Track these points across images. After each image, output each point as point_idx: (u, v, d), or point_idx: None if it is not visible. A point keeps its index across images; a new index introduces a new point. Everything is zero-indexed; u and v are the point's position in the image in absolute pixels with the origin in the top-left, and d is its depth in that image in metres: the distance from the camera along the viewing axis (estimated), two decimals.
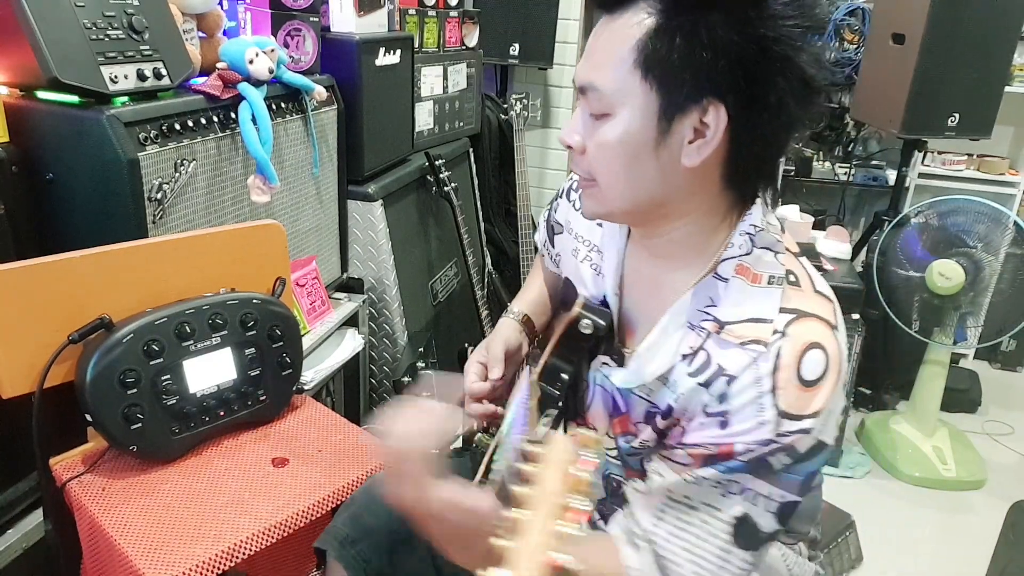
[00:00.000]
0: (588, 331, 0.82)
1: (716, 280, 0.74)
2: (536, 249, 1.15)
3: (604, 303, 0.86)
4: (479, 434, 1.10)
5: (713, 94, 0.67)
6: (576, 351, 0.86)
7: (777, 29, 0.65)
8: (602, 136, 0.72)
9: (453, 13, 2.25)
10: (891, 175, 2.82)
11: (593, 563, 0.74)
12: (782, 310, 0.71)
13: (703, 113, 0.68)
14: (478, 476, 0.95)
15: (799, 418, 0.68)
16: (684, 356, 0.75)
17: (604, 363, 0.86)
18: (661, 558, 0.74)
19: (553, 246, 1.05)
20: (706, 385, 0.72)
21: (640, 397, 0.80)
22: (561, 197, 1.01)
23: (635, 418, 0.82)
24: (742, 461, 0.70)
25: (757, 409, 0.69)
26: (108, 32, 1.09)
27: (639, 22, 0.67)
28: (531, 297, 1.13)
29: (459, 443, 1.55)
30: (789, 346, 0.69)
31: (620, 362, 0.85)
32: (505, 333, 1.05)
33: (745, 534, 0.71)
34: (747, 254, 0.74)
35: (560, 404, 0.84)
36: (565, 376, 0.85)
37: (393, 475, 0.69)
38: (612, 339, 0.85)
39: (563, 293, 0.98)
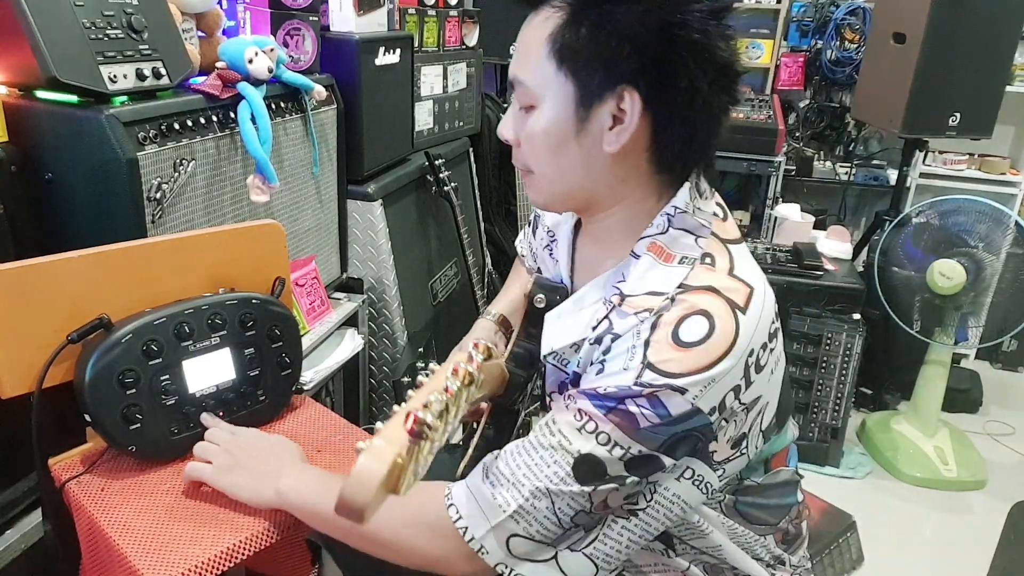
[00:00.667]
0: (541, 305, 0.86)
1: (632, 258, 0.77)
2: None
3: (561, 283, 0.90)
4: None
5: (626, 81, 0.70)
6: (538, 330, 0.88)
7: (682, 14, 0.68)
8: (529, 127, 0.76)
9: (453, 12, 2.25)
10: (892, 175, 2.82)
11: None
12: (680, 284, 0.72)
13: (620, 100, 0.71)
14: (460, 468, 0.95)
15: (666, 375, 0.67)
16: (594, 328, 0.77)
17: None
18: (495, 465, 0.75)
19: (534, 236, 1.09)
20: (598, 343, 0.75)
21: (554, 366, 0.82)
22: None
23: (549, 388, 0.85)
24: (602, 396, 0.69)
25: (628, 357, 0.69)
26: (107, 31, 1.09)
27: (551, 16, 0.72)
28: (509, 298, 1.15)
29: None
30: (674, 309, 0.70)
31: None
32: (478, 335, 1.05)
33: (585, 470, 0.70)
34: (662, 233, 0.76)
35: (528, 385, 0.87)
36: (532, 360, 0.89)
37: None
38: None
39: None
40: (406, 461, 0.56)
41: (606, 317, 0.76)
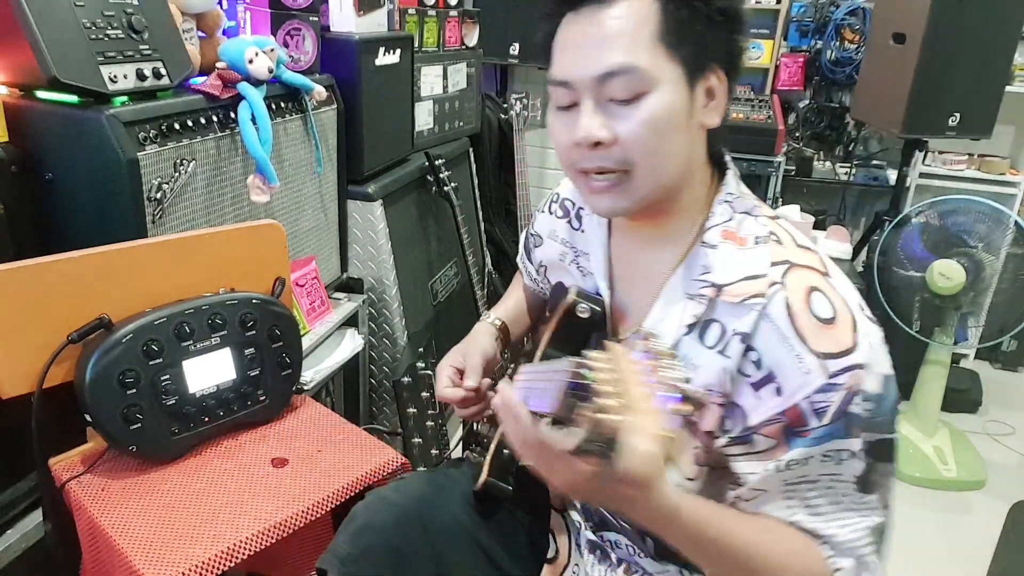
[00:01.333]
0: (586, 315, 0.84)
1: (705, 248, 0.78)
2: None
3: (597, 294, 0.89)
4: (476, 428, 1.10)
5: (714, 60, 0.74)
6: (570, 341, 0.87)
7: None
8: (641, 115, 0.72)
9: (453, 12, 2.25)
10: (892, 175, 2.82)
11: (782, 543, 0.72)
12: (773, 263, 0.74)
13: (708, 78, 0.75)
14: (482, 478, 0.95)
15: (839, 355, 0.69)
16: (690, 326, 0.77)
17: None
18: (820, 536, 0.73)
19: (531, 260, 1.07)
20: (723, 350, 0.74)
21: None
22: (542, 212, 1.04)
23: None
24: (828, 426, 0.70)
25: (796, 362, 0.70)
26: (108, 32, 1.09)
27: (645, 3, 0.72)
28: (510, 306, 1.14)
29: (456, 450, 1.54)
30: (792, 295, 0.71)
31: None
32: (484, 342, 1.04)
33: (870, 482, 0.73)
34: (730, 220, 0.78)
35: None
36: None
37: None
38: (604, 329, 0.87)
39: (552, 299, 0.98)
40: (671, 432, 0.56)
41: (713, 320, 0.76)
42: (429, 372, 1.81)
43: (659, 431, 0.54)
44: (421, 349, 1.97)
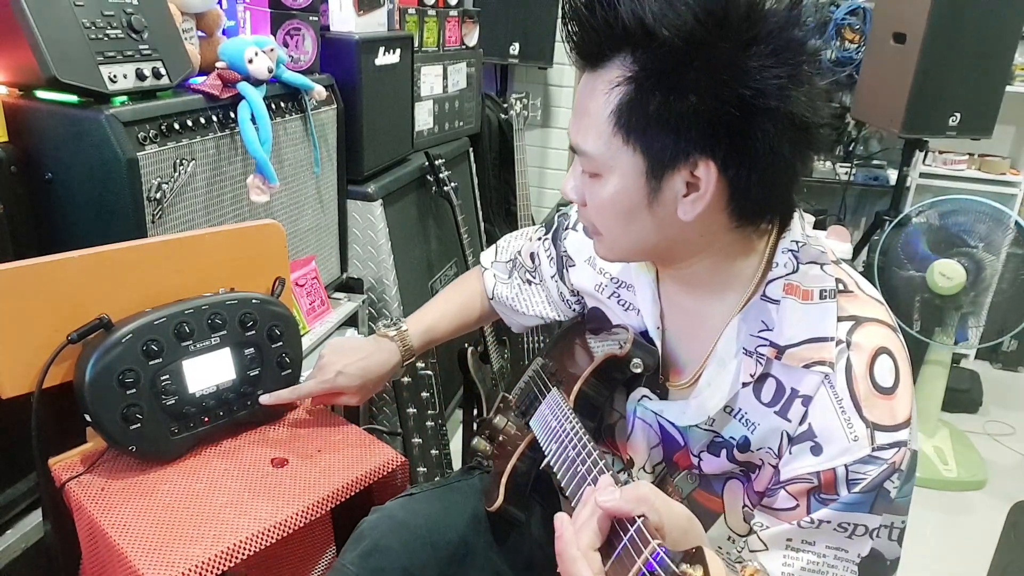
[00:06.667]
0: (639, 370, 0.82)
1: (766, 303, 0.73)
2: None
3: (643, 336, 0.85)
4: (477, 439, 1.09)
5: (699, 152, 0.66)
6: (612, 384, 0.86)
7: (760, 82, 0.63)
8: (596, 195, 0.73)
9: (453, 12, 2.25)
10: (892, 175, 2.82)
11: None
12: (840, 319, 0.70)
13: (693, 167, 0.67)
14: (497, 503, 0.92)
15: (891, 429, 0.67)
16: (745, 384, 0.74)
17: (644, 396, 0.85)
18: None
19: (564, 282, 1.03)
20: (783, 412, 0.72)
21: (703, 429, 0.79)
22: (569, 229, 1.00)
23: (695, 449, 0.81)
24: (859, 494, 0.67)
25: (846, 427, 0.67)
26: (107, 31, 1.09)
27: (616, 86, 0.67)
28: (432, 322, 1.14)
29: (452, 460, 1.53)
30: (856, 356, 0.69)
31: (663, 395, 0.84)
32: (380, 359, 1.09)
33: (872, 568, 0.70)
34: (793, 272, 0.73)
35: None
36: (595, 407, 0.86)
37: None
38: (655, 379, 0.84)
39: (592, 322, 0.96)
40: None
41: (769, 375, 0.73)
42: (429, 372, 1.81)
43: None
44: None
